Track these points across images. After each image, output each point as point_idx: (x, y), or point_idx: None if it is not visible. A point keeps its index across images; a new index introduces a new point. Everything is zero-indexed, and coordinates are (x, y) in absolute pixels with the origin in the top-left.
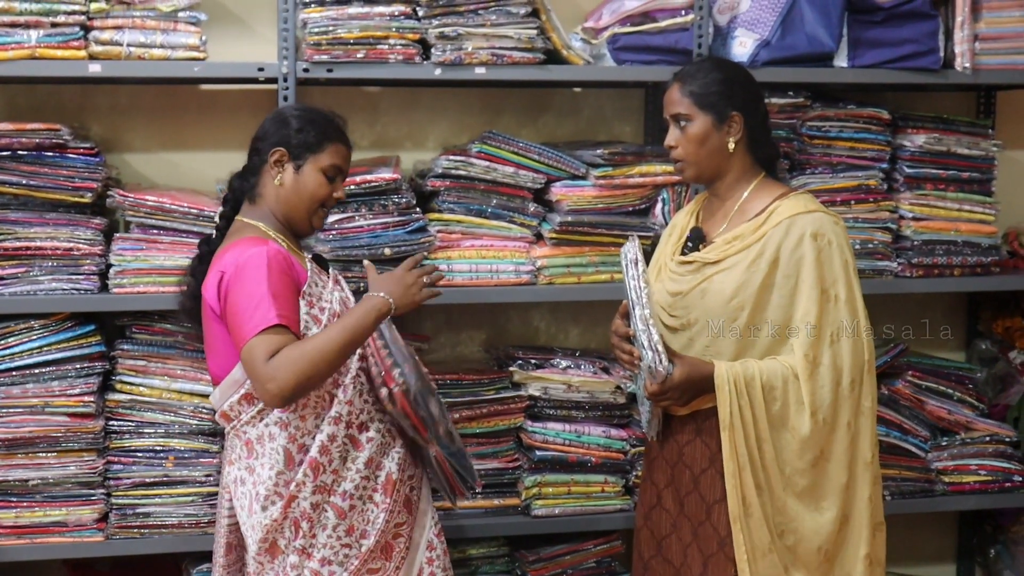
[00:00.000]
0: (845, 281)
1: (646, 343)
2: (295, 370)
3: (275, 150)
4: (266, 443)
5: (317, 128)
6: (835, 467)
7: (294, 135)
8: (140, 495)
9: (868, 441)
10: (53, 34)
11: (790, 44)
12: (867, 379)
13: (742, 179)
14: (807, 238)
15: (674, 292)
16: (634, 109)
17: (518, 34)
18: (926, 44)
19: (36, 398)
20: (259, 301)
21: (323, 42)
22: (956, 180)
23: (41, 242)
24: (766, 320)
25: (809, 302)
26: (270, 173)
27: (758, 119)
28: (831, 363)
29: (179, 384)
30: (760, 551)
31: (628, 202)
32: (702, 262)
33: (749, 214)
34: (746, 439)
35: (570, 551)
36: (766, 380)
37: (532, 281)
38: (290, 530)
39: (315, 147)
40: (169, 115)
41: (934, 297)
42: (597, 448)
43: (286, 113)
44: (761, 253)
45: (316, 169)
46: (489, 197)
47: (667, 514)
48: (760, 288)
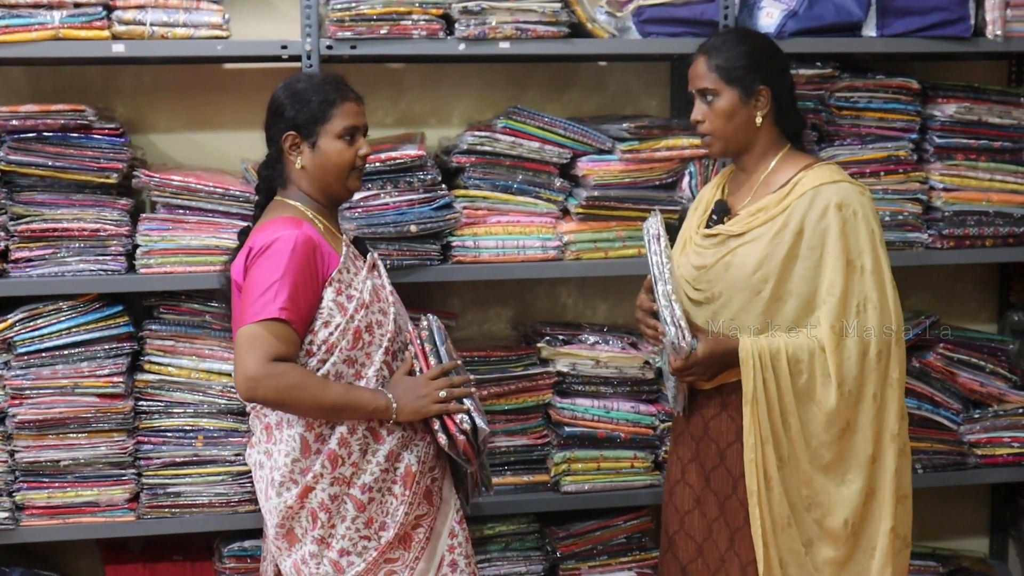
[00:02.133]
0: (871, 252)
1: (669, 319)
2: (281, 394)
3: (286, 136)
4: (284, 429)
5: (317, 97)
6: (861, 439)
7: (297, 114)
8: (170, 475)
9: (895, 413)
10: (76, 15)
11: (817, 14)
12: (895, 350)
13: (768, 151)
14: (832, 209)
15: (699, 265)
16: (660, 82)
17: (542, 8)
18: (956, 12)
19: (66, 379)
20: (269, 287)
21: (346, 18)
22: (987, 150)
23: (68, 223)
24: (791, 292)
25: (835, 273)
26: (290, 159)
27: (785, 91)
28: (857, 334)
29: (207, 364)
30: (779, 525)
31: (655, 176)
32: (726, 235)
33: (774, 186)
34: (770, 413)
35: (600, 527)
36: (792, 353)
37: (559, 257)
38: (307, 520)
39: (322, 117)
40: (193, 94)
41: (965, 268)
42: (626, 424)
43: (280, 96)
44: (785, 224)
45: (332, 138)
46: (515, 173)
47: (690, 489)
48: (784, 260)
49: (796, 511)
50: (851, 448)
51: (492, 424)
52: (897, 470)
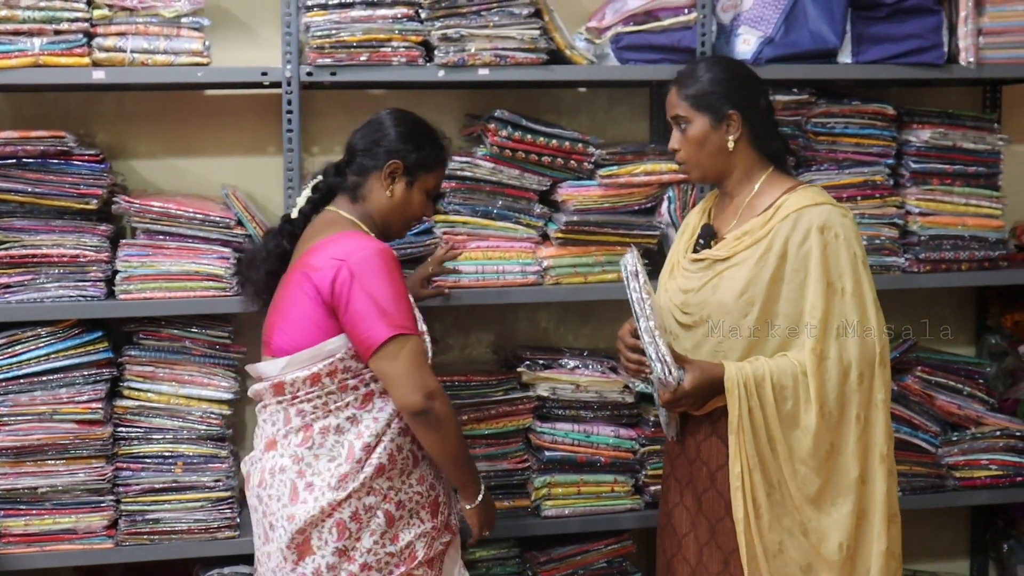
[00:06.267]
0: (852, 274)
1: (654, 355)
2: (448, 414)
3: (393, 162)
4: (330, 435)
5: (436, 149)
6: (847, 461)
7: (414, 152)
8: (149, 501)
9: (882, 434)
10: (57, 41)
11: (794, 41)
12: (879, 371)
13: (749, 175)
14: (814, 231)
15: (686, 289)
16: (640, 109)
17: (521, 35)
18: (930, 39)
19: (44, 405)
20: (389, 303)
21: (326, 45)
22: (962, 175)
23: (47, 249)
24: (777, 315)
25: (816, 296)
26: (381, 181)
27: (759, 114)
28: (837, 356)
29: (187, 389)
30: (771, 552)
31: (634, 201)
32: (712, 259)
33: (758, 209)
34: (756, 440)
35: (581, 551)
36: (776, 380)
37: (539, 282)
38: (331, 530)
39: (428, 167)
40: (175, 121)
41: (942, 292)
42: (606, 448)
43: (404, 124)
44: (769, 247)
45: (423, 188)
46: (495, 198)
47: (687, 512)
48: (770, 283)
49: (792, 536)
50: (838, 470)
51: (473, 449)
52: (887, 491)
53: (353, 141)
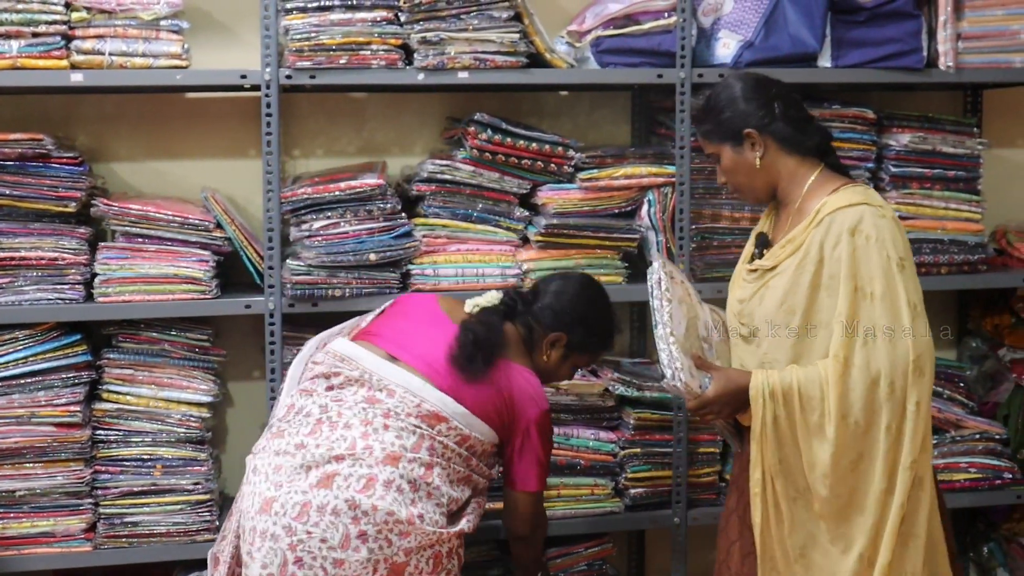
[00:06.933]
0: (883, 277)
1: (665, 361)
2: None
3: (558, 334)
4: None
5: (604, 340)
6: (874, 472)
7: (583, 333)
8: (128, 504)
9: (911, 445)
10: (35, 44)
11: (773, 45)
12: (913, 380)
13: (796, 180)
14: (844, 234)
15: (741, 299)
16: (622, 112)
17: (500, 38)
18: (909, 43)
19: (22, 408)
20: (546, 461)
21: (305, 48)
22: (942, 179)
23: (26, 252)
24: (819, 324)
25: (843, 300)
26: (545, 346)
27: (778, 122)
28: (864, 364)
29: (166, 392)
30: (792, 557)
31: (614, 204)
32: (763, 269)
33: (806, 214)
34: (780, 448)
35: (561, 554)
36: (804, 390)
37: (518, 285)
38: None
39: (587, 351)
40: (155, 123)
41: (923, 295)
42: (586, 451)
43: (592, 304)
44: (807, 254)
45: (574, 364)
46: (475, 201)
47: (738, 520)
48: (809, 290)
49: (815, 544)
50: (864, 481)
51: None
52: (902, 504)
53: (547, 291)
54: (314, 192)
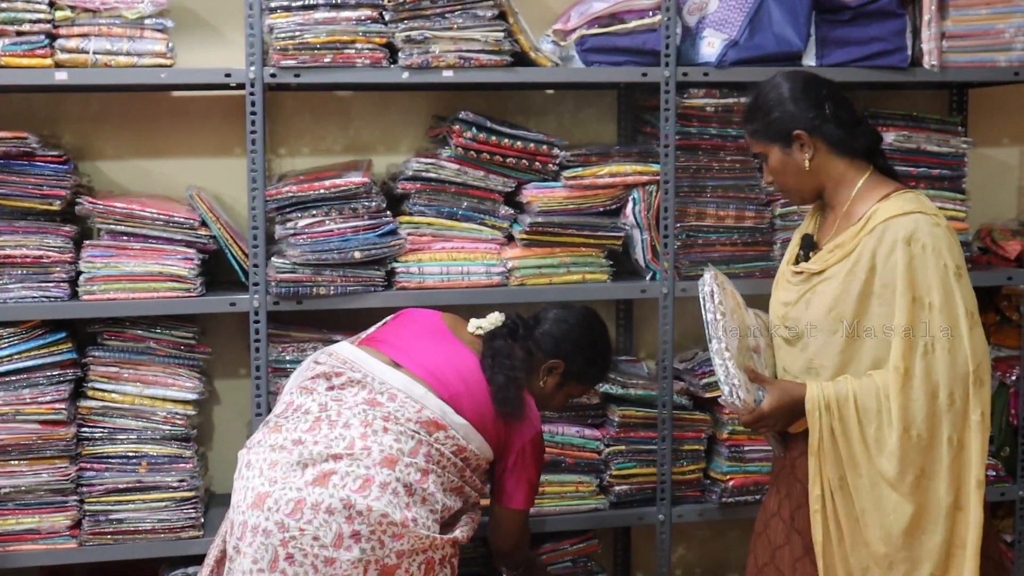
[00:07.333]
0: (941, 287)
1: (722, 377)
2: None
3: (555, 362)
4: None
5: (600, 371)
6: (939, 487)
7: (581, 362)
8: (113, 501)
9: (978, 459)
10: (18, 42)
11: (758, 44)
12: (973, 391)
13: (844, 183)
14: (900, 243)
15: (786, 303)
16: (607, 110)
17: (485, 37)
18: (893, 42)
19: (7, 406)
20: (536, 482)
21: (290, 47)
22: (927, 177)
23: (10, 250)
24: (869, 331)
25: (901, 311)
26: (542, 372)
27: (828, 122)
28: (924, 375)
29: (151, 390)
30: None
31: (599, 202)
32: (809, 272)
33: (854, 218)
34: (837, 462)
35: (546, 551)
36: (861, 401)
37: (503, 283)
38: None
39: (583, 381)
40: (140, 122)
41: None
42: (571, 448)
43: (592, 337)
44: (857, 261)
45: (568, 393)
46: (460, 199)
47: (783, 524)
48: (859, 298)
49: (878, 564)
50: (930, 497)
51: None
52: (981, 524)
53: (547, 318)
54: (299, 190)
